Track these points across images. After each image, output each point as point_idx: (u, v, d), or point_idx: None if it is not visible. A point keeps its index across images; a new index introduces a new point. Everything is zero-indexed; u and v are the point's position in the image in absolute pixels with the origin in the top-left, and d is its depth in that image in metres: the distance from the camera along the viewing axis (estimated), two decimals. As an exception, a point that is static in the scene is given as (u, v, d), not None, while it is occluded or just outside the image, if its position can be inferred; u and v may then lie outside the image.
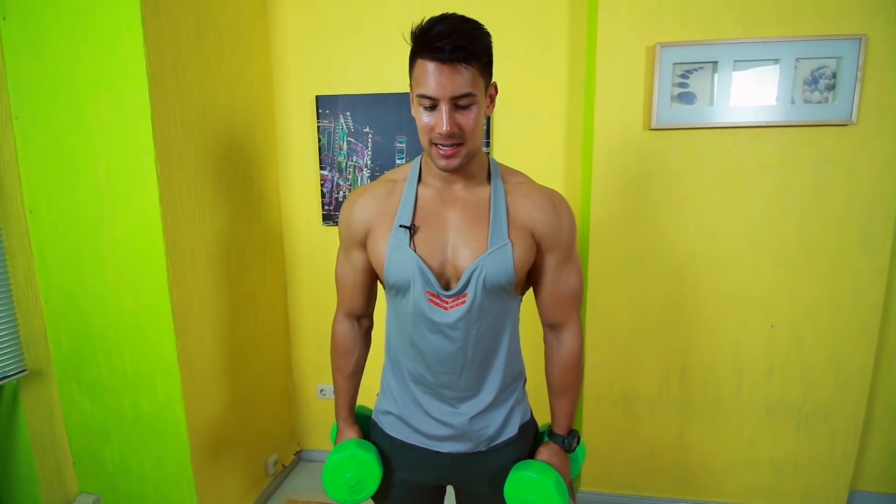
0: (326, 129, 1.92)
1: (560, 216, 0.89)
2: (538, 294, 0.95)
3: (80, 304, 1.42)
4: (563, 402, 0.98)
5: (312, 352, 2.12)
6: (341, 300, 1.04)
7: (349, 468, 0.98)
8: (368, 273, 0.98)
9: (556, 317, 0.95)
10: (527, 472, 0.91)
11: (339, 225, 0.97)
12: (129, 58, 1.26)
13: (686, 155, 1.63)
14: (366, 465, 0.97)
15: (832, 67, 1.51)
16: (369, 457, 0.97)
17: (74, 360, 1.46)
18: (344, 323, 1.05)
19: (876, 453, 1.79)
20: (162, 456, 1.47)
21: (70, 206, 1.37)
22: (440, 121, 0.77)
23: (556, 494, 0.89)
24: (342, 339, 1.05)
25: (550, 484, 0.89)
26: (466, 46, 0.74)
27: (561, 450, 0.97)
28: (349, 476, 0.97)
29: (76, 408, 1.49)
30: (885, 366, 1.73)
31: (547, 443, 0.98)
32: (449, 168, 0.82)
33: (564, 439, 0.97)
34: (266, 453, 1.95)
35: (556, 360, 0.97)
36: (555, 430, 0.99)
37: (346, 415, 1.06)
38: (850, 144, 1.54)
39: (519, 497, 0.91)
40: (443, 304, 0.85)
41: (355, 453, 0.97)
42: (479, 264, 0.83)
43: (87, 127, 1.31)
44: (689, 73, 1.58)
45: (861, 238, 1.59)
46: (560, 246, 0.90)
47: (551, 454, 0.96)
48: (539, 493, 0.89)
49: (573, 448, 0.97)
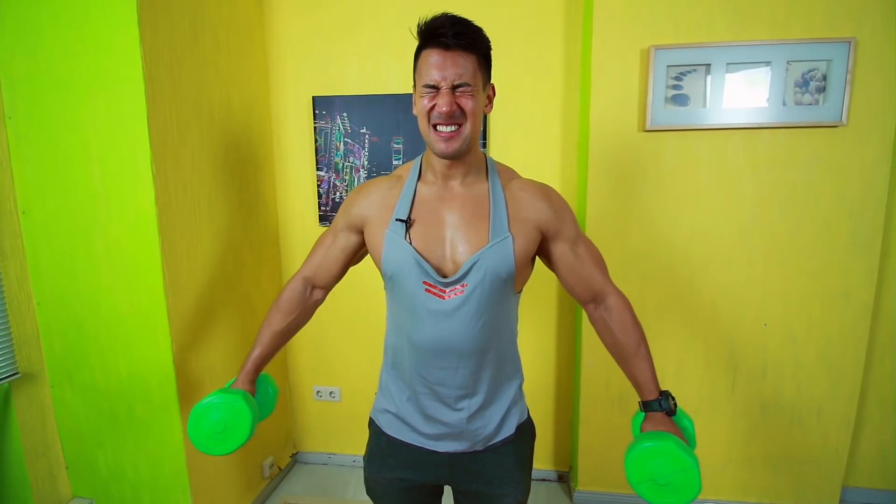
0: (323, 130, 1.92)
1: (557, 204, 0.93)
2: (566, 278, 0.96)
3: (73, 306, 1.40)
4: (639, 365, 0.94)
5: (309, 354, 2.11)
6: (307, 263, 1.05)
7: (216, 412, 0.93)
8: (345, 254, 1.00)
9: (593, 287, 0.96)
10: (640, 445, 0.84)
11: (341, 205, 1.01)
12: (125, 57, 1.25)
13: (680, 156, 1.65)
14: (234, 411, 0.93)
15: (822, 70, 1.54)
16: (240, 403, 0.93)
17: (67, 362, 1.44)
18: (298, 284, 1.05)
19: (867, 449, 1.82)
20: (157, 460, 1.46)
21: (64, 207, 1.35)
22: (441, 101, 0.81)
23: (681, 451, 0.81)
24: (289, 296, 1.05)
25: (670, 444, 0.82)
26: (467, 34, 0.80)
27: (663, 416, 0.90)
28: (215, 420, 0.92)
29: (69, 411, 1.47)
30: (876, 363, 1.76)
31: (646, 416, 0.92)
32: (448, 152, 0.84)
33: (660, 402, 0.91)
34: (262, 456, 1.93)
35: (613, 327, 0.95)
36: (646, 398, 0.92)
37: (251, 369, 1.03)
38: (841, 146, 1.57)
39: (646, 474, 0.83)
40: (440, 294, 0.86)
41: (226, 398, 0.94)
42: (480, 256, 0.85)
43: (82, 127, 1.30)
44: (682, 75, 1.60)
45: (851, 237, 1.61)
46: (566, 228, 0.93)
47: (655, 424, 0.89)
48: (663, 458, 0.82)
49: (672, 408, 0.90)
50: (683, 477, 0.81)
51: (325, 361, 2.10)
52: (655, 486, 0.83)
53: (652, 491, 0.83)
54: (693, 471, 0.80)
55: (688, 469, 0.81)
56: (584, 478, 1.88)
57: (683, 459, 0.81)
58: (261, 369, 1.05)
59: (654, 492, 0.83)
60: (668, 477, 0.82)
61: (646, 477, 0.83)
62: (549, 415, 2.01)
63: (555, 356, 1.98)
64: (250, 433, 0.95)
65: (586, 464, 1.87)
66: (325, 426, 2.17)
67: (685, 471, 0.81)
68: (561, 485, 2.05)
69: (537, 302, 1.93)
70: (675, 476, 0.81)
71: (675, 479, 0.81)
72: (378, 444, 1.01)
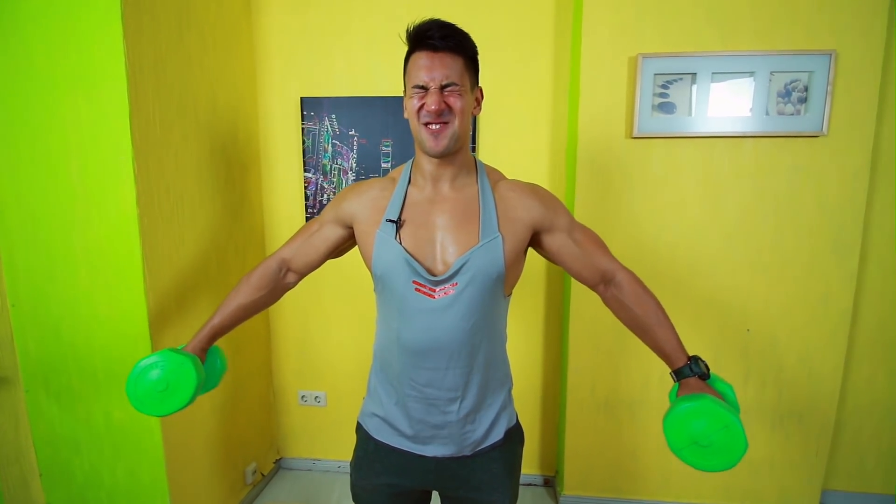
0: (311, 131, 1.90)
1: (546, 198, 0.95)
2: (572, 266, 0.96)
3: (49, 308, 1.36)
4: (661, 334, 0.92)
5: (294, 357, 2.09)
6: (287, 245, 1.04)
7: (161, 369, 0.91)
8: (326, 244, 1.00)
9: (599, 268, 0.96)
10: (675, 409, 0.79)
11: (332, 200, 1.01)
12: (107, 54, 1.22)
13: (666, 163, 1.67)
14: (180, 371, 0.90)
15: (804, 81, 1.57)
16: (188, 364, 0.91)
17: (43, 366, 1.40)
18: (273, 263, 1.04)
19: (846, 453, 1.85)
20: (135, 466, 1.42)
21: (41, 207, 1.31)
22: (430, 99, 0.83)
23: (719, 407, 0.77)
24: (262, 273, 1.04)
25: (707, 401, 0.78)
26: (454, 37, 0.84)
27: (697, 380, 0.87)
28: (158, 378, 0.90)
29: (44, 417, 1.42)
30: (855, 367, 1.79)
31: (679, 385, 0.88)
32: (438, 149, 0.86)
33: (690, 367, 0.88)
34: (244, 462, 1.90)
35: (626, 302, 0.95)
36: (676, 366, 0.90)
37: (206, 337, 1.02)
38: (822, 155, 1.61)
39: (687, 438, 0.78)
40: (430, 293, 0.86)
41: (174, 356, 0.92)
42: (470, 256, 0.86)
43: (62, 125, 1.26)
44: (669, 83, 1.62)
45: (832, 245, 1.65)
46: (560, 219, 0.94)
47: (690, 389, 0.85)
48: (702, 417, 0.77)
49: (706, 371, 0.87)
50: (726, 434, 0.76)
51: (311, 365, 2.08)
52: (699, 450, 0.78)
53: (697, 455, 0.78)
54: (735, 426, 0.76)
55: (729, 425, 0.76)
56: (570, 482, 1.88)
57: (723, 415, 0.76)
58: (216, 339, 1.03)
59: (699, 456, 0.78)
60: (710, 437, 0.77)
61: (687, 441, 0.78)
62: (535, 419, 2.02)
63: (541, 361, 1.98)
64: (192, 397, 0.92)
65: (572, 468, 1.87)
66: (309, 431, 2.14)
67: (727, 427, 0.76)
68: (547, 489, 2.05)
69: (525, 307, 1.94)
70: (717, 435, 0.76)
71: (719, 439, 0.76)
72: (365, 449, 0.99)
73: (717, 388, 0.87)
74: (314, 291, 2.00)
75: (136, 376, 0.93)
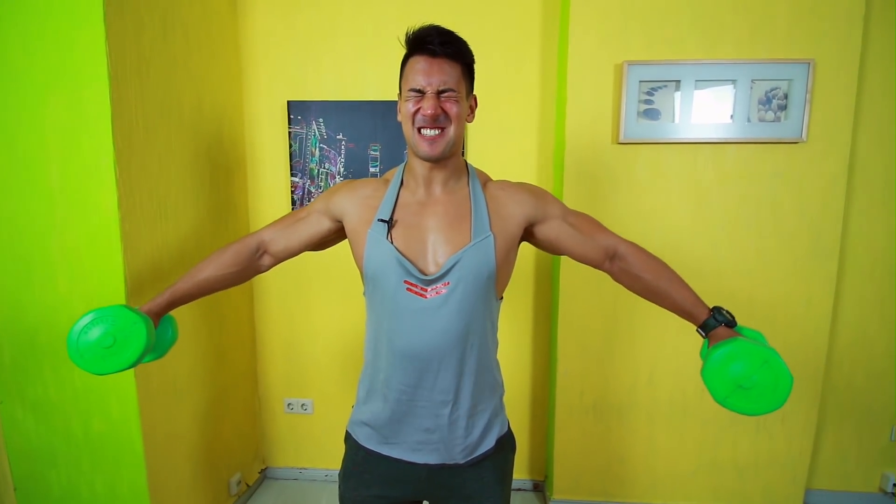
0: (298, 135, 1.88)
1: (536, 191, 0.97)
2: (574, 250, 0.96)
3: (26, 316, 1.31)
4: (677, 293, 0.92)
5: (280, 364, 2.05)
6: (270, 226, 1.03)
7: (110, 323, 0.85)
8: (310, 233, 0.99)
9: (602, 245, 0.96)
10: (710, 358, 0.77)
11: (325, 192, 1.01)
12: (89, 55, 1.19)
13: (652, 168, 1.69)
14: (130, 328, 0.85)
15: (784, 89, 1.61)
16: (139, 321, 0.86)
17: (18, 377, 1.35)
18: (252, 241, 1.02)
19: (828, 453, 1.89)
20: (115, 479, 1.37)
21: (19, 211, 1.27)
22: (426, 104, 0.83)
23: (754, 345, 0.75)
24: (239, 249, 1.01)
25: (739, 342, 0.76)
26: (453, 44, 0.84)
27: (724, 329, 0.85)
28: (106, 332, 0.85)
29: (19, 429, 1.37)
30: (835, 369, 1.84)
31: (708, 338, 0.87)
32: (432, 154, 0.86)
33: (714, 317, 0.87)
34: (229, 472, 1.86)
35: (635, 271, 0.94)
36: (700, 320, 0.88)
37: (164, 301, 0.98)
38: (801, 161, 1.65)
39: (729, 384, 0.75)
40: (422, 293, 0.86)
41: (125, 311, 0.87)
42: (462, 255, 0.86)
43: (41, 127, 1.23)
44: (654, 90, 1.65)
45: (812, 249, 1.69)
46: (552, 207, 0.96)
47: (719, 338, 0.83)
48: (738, 358, 0.75)
49: (731, 319, 0.86)
50: (768, 370, 0.74)
51: (297, 373, 2.05)
52: (745, 393, 0.75)
53: (744, 400, 0.76)
54: (775, 358, 0.74)
55: (769, 359, 0.74)
56: (560, 486, 1.88)
57: (760, 351, 0.74)
58: (174, 307, 1.00)
59: (747, 400, 0.76)
60: (752, 377, 0.74)
61: (731, 387, 0.75)
62: (524, 424, 2.01)
63: (530, 365, 1.98)
64: (138, 358, 0.87)
65: (562, 473, 1.87)
66: (296, 440, 2.10)
67: (767, 362, 0.74)
68: (536, 494, 2.04)
69: (513, 311, 1.94)
70: (759, 373, 0.74)
71: (761, 377, 0.74)
72: (354, 459, 0.98)
73: (747, 334, 0.86)
74: (301, 296, 1.98)
75: (83, 328, 0.86)
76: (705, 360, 0.79)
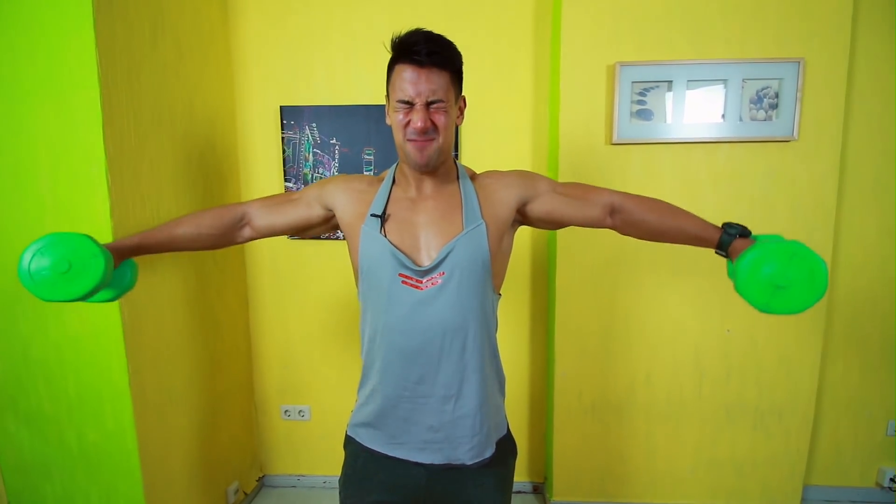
0: (291, 140, 1.87)
1: (523, 173, 0.98)
2: (574, 215, 0.96)
3: (17, 327, 1.30)
4: (686, 221, 0.92)
5: (276, 371, 2.04)
6: (257, 200, 1.02)
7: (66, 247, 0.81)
8: (297, 215, 0.99)
9: (599, 201, 0.95)
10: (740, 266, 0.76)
11: (320, 181, 1.01)
12: (79, 61, 1.18)
13: (645, 168, 1.70)
14: (87, 253, 0.81)
15: (775, 88, 1.63)
16: (96, 247, 0.82)
17: (10, 388, 1.33)
18: (237, 210, 1.00)
19: (825, 449, 1.90)
20: (111, 491, 1.36)
21: (8, 220, 1.25)
22: (415, 117, 0.83)
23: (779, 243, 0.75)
24: (221, 213, 0.99)
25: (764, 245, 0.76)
26: (441, 52, 0.83)
27: (741, 240, 0.85)
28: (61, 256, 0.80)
29: (12, 441, 1.35)
30: (830, 365, 1.85)
31: (729, 253, 0.86)
32: (422, 163, 0.87)
33: (728, 232, 0.86)
34: (226, 481, 1.84)
35: (639, 217, 0.94)
36: (715, 239, 0.87)
37: (132, 244, 0.93)
38: (793, 159, 1.66)
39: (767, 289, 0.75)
40: (417, 285, 0.86)
41: (82, 237, 0.82)
42: (455, 244, 0.86)
43: (30, 135, 1.21)
44: (646, 91, 1.66)
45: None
46: (541, 183, 0.97)
47: (742, 248, 0.82)
48: (767, 260, 0.75)
49: (745, 229, 0.86)
50: (800, 262, 0.74)
51: (294, 379, 2.03)
52: (784, 293, 0.75)
53: (786, 299, 0.75)
54: (802, 249, 0.74)
55: (796, 251, 0.74)
56: (560, 488, 1.88)
57: (787, 246, 0.74)
58: (140, 253, 0.96)
59: (789, 298, 0.75)
60: (786, 274, 0.74)
61: (769, 291, 0.75)
62: (523, 426, 2.01)
63: (528, 367, 1.98)
64: (93, 289, 0.82)
65: (561, 474, 1.87)
66: (294, 447, 2.09)
67: (795, 254, 0.74)
68: (536, 496, 2.04)
69: (510, 312, 1.94)
70: (791, 268, 0.74)
71: (794, 271, 0.74)
72: (355, 465, 0.97)
73: (764, 238, 0.85)
74: (296, 301, 1.96)
75: (38, 249, 0.82)
76: (735, 274, 0.78)
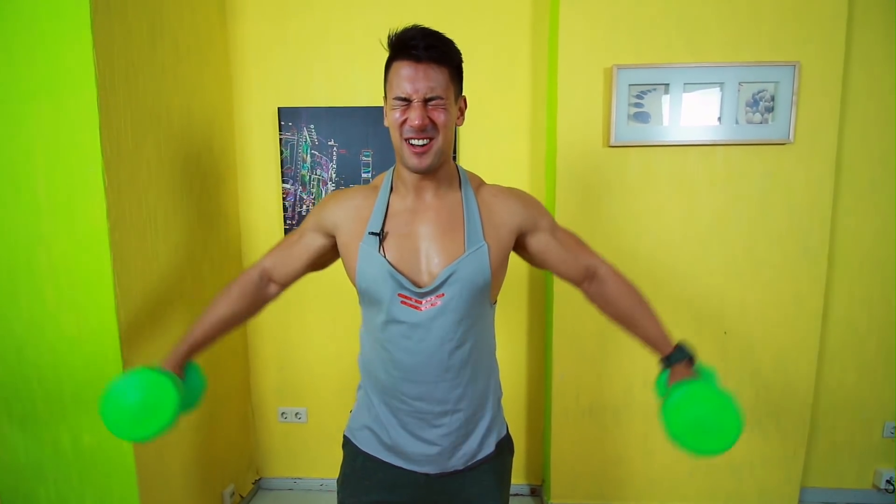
0: (289, 142, 1.87)
1: (529, 201, 0.96)
2: (557, 265, 0.97)
3: (12, 329, 1.29)
4: (645, 324, 0.95)
5: (273, 373, 2.03)
6: (268, 255, 1.00)
7: (138, 390, 0.85)
8: (308, 253, 0.97)
9: (583, 264, 0.97)
10: (672, 399, 0.83)
11: (314, 209, 0.98)
12: (76, 62, 1.17)
13: (643, 171, 1.71)
14: (160, 392, 0.85)
15: (771, 91, 1.64)
16: (167, 384, 0.86)
17: (5, 391, 1.32)
18: (254, 273, 1.00)
19: (822, 451, 1.91)
20: (105, 494, 1.34)
21: (3, 222, 1.24)
22: (413, 114, 0.80)
23: (714, 391, 0.81)
24: (243, 284, 0.99)
25: (697, 386, 0.82)
26: (439, 47, 0.80)
27: (684, 366, 0.90)
28: (135, 400, 0.84)
29: (6, 444, 1.34)
30: (827, 367, 1.85)
31: (670, 372, 0.91)
32: (420, 167, 0.83)
33: (677, 353, 0.91)
34: (222, 483, 1.83)
35: (610, 296, 0.96)
36: (664, 353, 0.93)
37: (184, 352, 0.95)
38: (789, 162, 1.67)
39: (686, 425, 0.82)
40: (416, 305, 0.84)
41: (153, 376, 0.86)
42: (457, 266, 0.84)
43: (26, 135, 1.21)
44: (643, 93, 1.67)
45: (801, 248, 1.71)
46: (543, 220, 0.95)
47: (679, 375, 0.88)
48: (701, 401, 0.82)
49: (692, 356, 0.91)
50: (723, 416, 0.81)
51: (291, 381, 2.03)
52: (697, 435, 0.82)
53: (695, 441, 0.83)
54: (730, 405, 0.81)
55: (726, 405, 0.81)
56: (557, 490, 1.88)
57: (718, 396, 0.81)
58: (194, 355, 0.98)
59: (697, 441, 0.82)
60: (707, 421, 0.81)
61: (686, 428, 0.82)
62: (521, 428, 2.01)
63: (526, 369, 1.98)
64: (173, 419, 0.87)
65: (559, 477, 1.87)
66: (290, 449, 2.08)
67: (724, 408, 0.81)
68: (534, 499, 2.04)
69: (508, 316, 1.94)
70: (714, 417, 0.81)
71: (715, 421, 0.81)
72: (353, 465, 0.97)
73: (703, 372, 0.92)
74: (294, 304, 1.96)
75: (110, 397, 0.87)
76: (666, 400, 0.85)
